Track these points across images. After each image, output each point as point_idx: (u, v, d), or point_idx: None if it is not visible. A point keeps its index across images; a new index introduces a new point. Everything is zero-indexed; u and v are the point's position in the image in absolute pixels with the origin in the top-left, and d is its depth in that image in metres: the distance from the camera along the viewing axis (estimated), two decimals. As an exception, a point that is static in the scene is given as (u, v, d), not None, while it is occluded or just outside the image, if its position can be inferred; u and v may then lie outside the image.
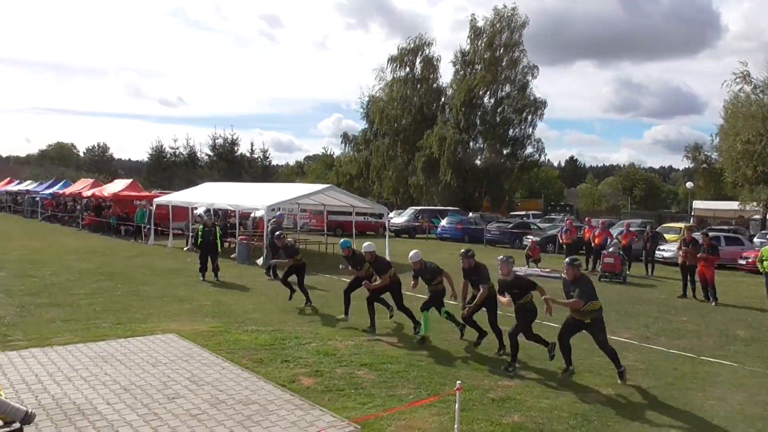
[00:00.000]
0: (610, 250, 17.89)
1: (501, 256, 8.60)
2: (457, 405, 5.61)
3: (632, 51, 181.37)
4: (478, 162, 47.92)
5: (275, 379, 7.14)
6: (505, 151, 47.55)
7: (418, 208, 38.89)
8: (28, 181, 49.61)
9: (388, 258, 20.75)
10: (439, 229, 32.83)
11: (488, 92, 46.67)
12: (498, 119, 46.70)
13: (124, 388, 6.63)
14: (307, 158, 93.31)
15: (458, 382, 5.72)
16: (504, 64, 45.75)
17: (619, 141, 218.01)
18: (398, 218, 35.91)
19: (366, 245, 10.34)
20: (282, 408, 6.18)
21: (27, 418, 5.32)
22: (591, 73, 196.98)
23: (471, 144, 47.56)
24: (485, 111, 47.17)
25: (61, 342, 8.43)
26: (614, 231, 21.52)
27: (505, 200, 49.04)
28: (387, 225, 25.41)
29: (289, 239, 13.61)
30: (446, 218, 33.64)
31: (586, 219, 23.08)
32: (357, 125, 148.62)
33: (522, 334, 8.12)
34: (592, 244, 19.64)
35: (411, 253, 9.74)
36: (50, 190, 40.63)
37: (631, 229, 20.94)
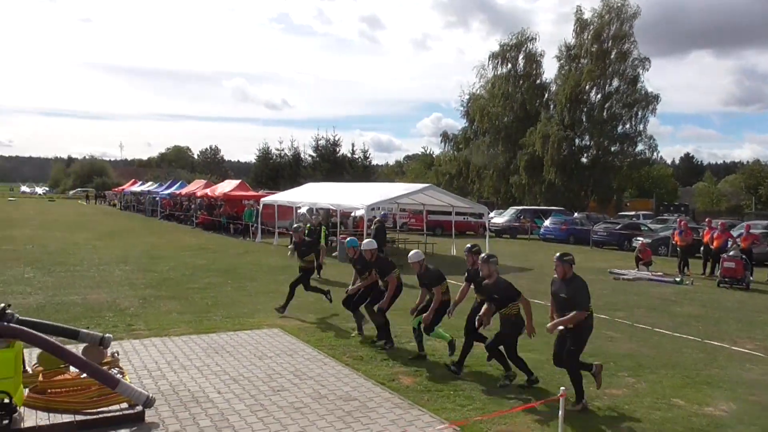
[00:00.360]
0: (731, 254, 16.60)
1: (483, 254, 7.54)
2: (560, 412, 5.39)
3: (756, 38, 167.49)
4: (584, 160, 46.15)
5: (375, 376, 7.21)
6: (613, 148, 45.47)
7: (520, 207, 38.03)
8: (150, 183, 53.51)
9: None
10: (542, 230, 31.93)
11: (595, 87, 44.80)
12: (605, 115, 44.70)
13: (233, 378, 6.95)
14: (407, 158, 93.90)
15: (562, 388, 5.50)
16: (612, 57, 43.76)
17: (741, 135, 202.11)
18: (499, 218, 35.29)
19: (366, 242, 9.36)
20: (381, 406, 6.22)
21: (148, 402, 5.71)
22: (708, 64, 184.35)
23: (576, 141, 45.87)
24: (592, 106, 45.31)
25: (177, 333, 8.98)
26: (734, 233, 19.96)
27: (613, 200, 46.83)
28: (487, 225, 25.03)
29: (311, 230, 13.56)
30: (550, 218, 32.66)
31: (707, 220, 21.52)
32: (457, 124, 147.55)
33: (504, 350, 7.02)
34: (711, 247, 18.31)
35: (411, 253, 8.69)
36: (168, 191, 43.57)
37: (754, 231, 19.30)
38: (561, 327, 6.56)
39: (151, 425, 5.53)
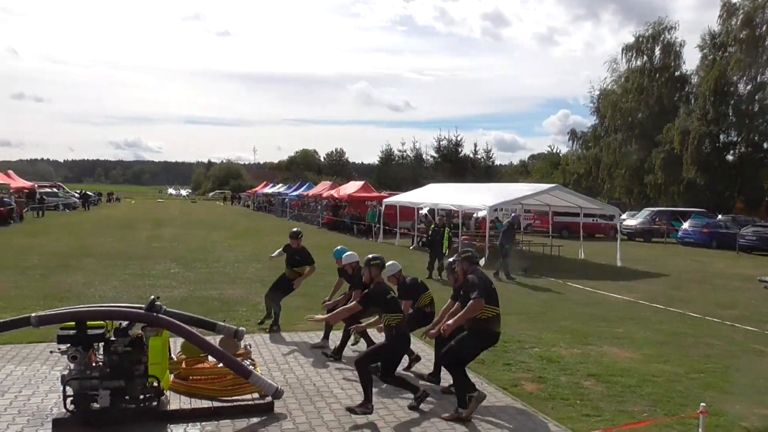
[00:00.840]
0: None
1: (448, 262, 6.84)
2: (699, 430, 4.97)
3: None
4: (729, 157, 42.33)
5: (497, 381, 7.06)
6: (765, 145, 41.26)
7: (656, 209, 35.62)
8: (280, 185, 56.38)
9: (619, 263, 19.42)
10: (680, 233, 29.71)
11: (744, 77, 40.83)
12: (756, 108, 40.64)
13: (355, 375, 7.10)
14: (532, 157, 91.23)
15: (702, 404, 5.06)
16: (767, 43, 39.62)
17: None
18: (631, 220, 33.34)
19: (347, 255, 8.19)
20: (504, 411, 6.08)
21: (277, 394, 5.99)
22: None
23: (721, 137, 42.17)
24: (740, 99, 41.37)
25: (305, 328, 9.36)
26: None
27: (765, 201, 42.47)
28: (618, 227, 23.68)
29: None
30: (689, 220, 30.28)
31: None
32: (586, 121, 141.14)
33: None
34: None
35: (388, 264, 7.00)
36: (296, 192, 45.64)
37: None
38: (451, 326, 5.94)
39: (279, 416, 5.80)
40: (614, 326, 10.19)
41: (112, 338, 5.53)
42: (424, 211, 25.36)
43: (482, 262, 17.97)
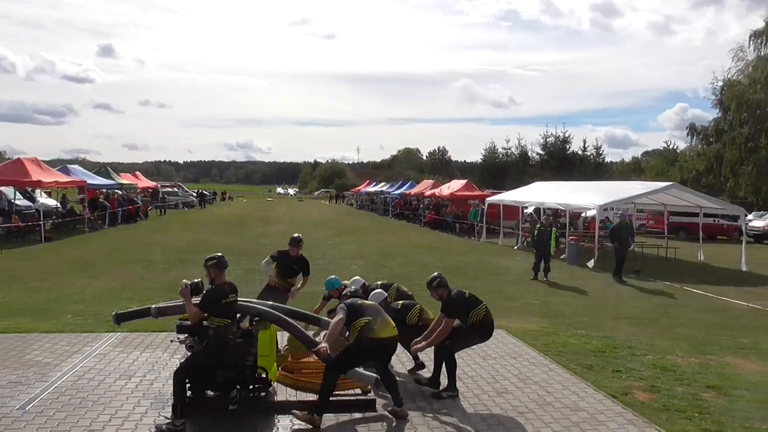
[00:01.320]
0: None
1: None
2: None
3: None
4: None
5: (606, 388, 6.74)
6: None
7: (787, 208, 32.59)
8: (382, 183, 57.12)
9: (744, 267, 17.89)
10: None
11: None
12: None
13: (457, 376, 7.04)
14: (645, 154, 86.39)
15: None
16: None
17: None
18: (759, 221, 30.71)
19: (353, 280, 7.96)
20: (612, 420, 5.79)
21: (377, 383, 6.08)
22: None
23: None
24: None
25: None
26: None
27: None
28: (744, 229, 21.88)
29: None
30: (827, 222, 27.45)
31: None
32: (706, 115, 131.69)
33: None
34: None
35: (373, 294, 7.12)
36: (399, 191, 46.05)
37: None
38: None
39: (381, 413, 5.86)
40: (738, 335, 9.43)
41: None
42: (530, 210, 24.73)
43: (591, 264, 17.29)
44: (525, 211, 24.58)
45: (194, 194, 55.58)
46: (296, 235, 8.94)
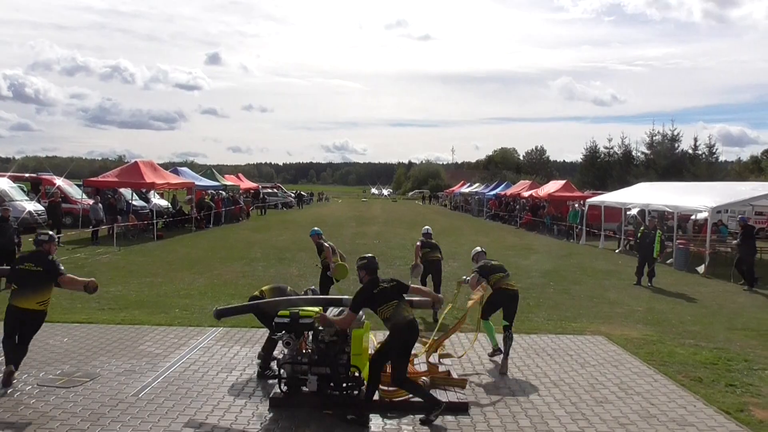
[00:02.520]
0: None
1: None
2: None
3: None
4: None
5: (717, 403, 6.27)
6: None
7: None
8: (477, 184, 56.42)
9: None
10: None
11: None
12: None
13: (553, 382, 6.82)
14: (766, 152, 79.88)
15: None
16: None
17: None
18: None
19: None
20: (726, 439, 5.38)
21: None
22: None
23: None
24: None
25: (500, 330, 9.19)
26: None
27: None
28: None
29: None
30: None
31: None
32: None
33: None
34: None
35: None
36: (494, 192, 45.30)
37: None
38: None
39: (474, 417, 5.77)
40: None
41: (320, 328, 5.97)
42: (633, 212, 23.54)
43: (702, 269, 16.17)
44: (628, 213, 23.43)
45: (293, 195, 57.45)
46: (315, 228, 11.01)
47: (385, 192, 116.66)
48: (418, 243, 11.32)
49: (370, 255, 6.26)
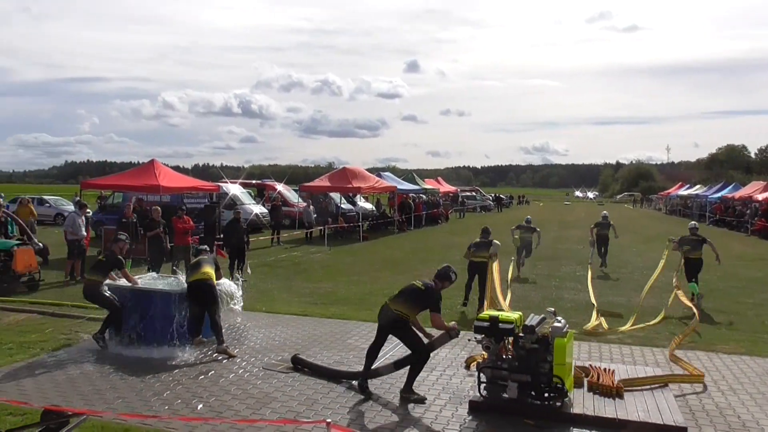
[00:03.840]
0: None
1: None
2: None
3: None
4: None
5: None
6: None
7: None
8: (697, 186, 50.94)
9: None
10: None
11: None
12: None
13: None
14: None
15: None
16: None
17: None
18: None
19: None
20: None
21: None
22: None
23: None
24: None
25: (727, 350, 8.17)
26: None
27: None
28: None
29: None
30: None
31: None
32: None
33: None
34: None
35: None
36: (718, 194, 40.49)
37: None
38: None
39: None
40: None
41: (521, 334, 5.81)
42: None
43: None
44: None
45: (491, 198, 57.17)
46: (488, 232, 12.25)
47: (590, 195, 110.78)
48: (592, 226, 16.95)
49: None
